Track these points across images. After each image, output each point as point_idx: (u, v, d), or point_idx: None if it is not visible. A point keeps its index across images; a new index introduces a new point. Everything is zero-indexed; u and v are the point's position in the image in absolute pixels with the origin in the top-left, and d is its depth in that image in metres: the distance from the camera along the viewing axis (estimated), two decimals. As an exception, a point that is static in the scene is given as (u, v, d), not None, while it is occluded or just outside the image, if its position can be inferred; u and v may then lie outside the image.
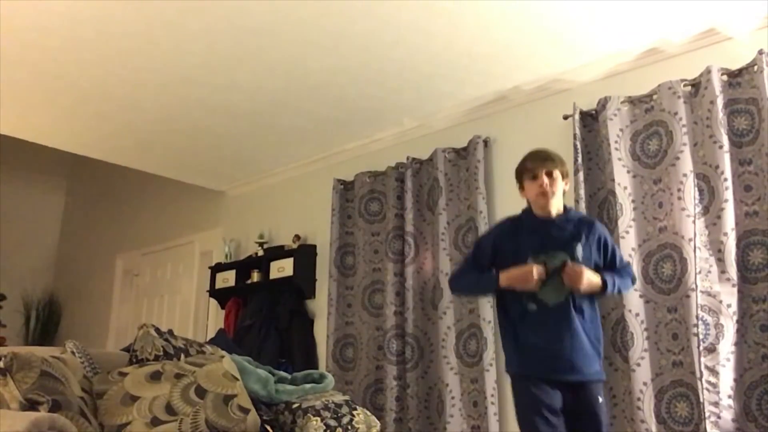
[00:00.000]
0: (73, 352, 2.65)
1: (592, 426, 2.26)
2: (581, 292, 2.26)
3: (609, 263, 2.40)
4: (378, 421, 3.13)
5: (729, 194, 2.88)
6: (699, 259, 2.91)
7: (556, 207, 2.32)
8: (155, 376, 2.59)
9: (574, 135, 3.36)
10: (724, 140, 2.94)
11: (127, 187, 6.43)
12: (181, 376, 2.62)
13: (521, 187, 2.39)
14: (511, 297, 2.34)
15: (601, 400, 2.29)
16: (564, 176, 2.34)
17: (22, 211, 6.80)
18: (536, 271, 2.23)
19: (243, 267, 4.92)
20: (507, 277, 2.28)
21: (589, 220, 2.44)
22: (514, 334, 2.35)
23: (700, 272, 2.90)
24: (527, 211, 2.41)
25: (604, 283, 2.30)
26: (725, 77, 3.03)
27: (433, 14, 3.04)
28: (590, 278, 2.25)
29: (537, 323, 2.26)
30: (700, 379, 2.78)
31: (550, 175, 2.29)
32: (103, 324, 6.21)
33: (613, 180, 3.18)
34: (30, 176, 6.90)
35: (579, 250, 2.28)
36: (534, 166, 2.31)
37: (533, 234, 2.32)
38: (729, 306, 2.84)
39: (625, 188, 3.18)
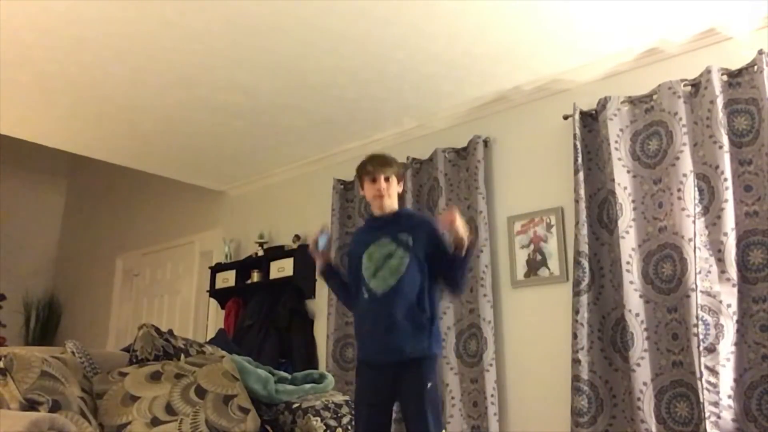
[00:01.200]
0: (73, 352, 2.66)
1: (414, 407, 2.31)
2: (457, 233, 2.34)
3: (444, 252, 2.47)
4: (378, 421, 3.13)
5: (729, 194, 2.88)
6: (699, 259, 2.91)
7: (389, 206, 2.52)
8: (155, 376, 2.59)
9: (574, 135, 3.36)
10: (724, 140, 2.94)
11: (127, 187, 6.43)
12: (181, 376, 2.62)
13: (361, 186, 2.59)
14: (353, 287, 2.52)
15: (429, 384, 2.32)
16: (399, 179, 2.56)
17: (22, 211, 6.80)
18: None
19: (243, 267, 4.92)
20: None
21: (419, 215, 2.63)
22: (354, 321, 2.55)
23: (700, 272, 2.90)
24: (368, 214, 2.66)
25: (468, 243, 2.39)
26: (725, 77, 3.03)
27: (434, 15, 3.04)
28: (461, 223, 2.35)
29: (367, 310, 2.42)
30: (700, 379, 2.78)
31: (387, 180, 2.50)
32: (103, 324, 6.21)
33: (613, 180, 3.18)
34: (30, 176, 6.90)
35: (406, 238, 2.42)
36: (374, 169, 2.50)
37: (368, 231, 2.56)
38: (729, 306, 2.84)
39: (625, 188, 3.18)
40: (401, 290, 2.36)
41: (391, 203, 2.53)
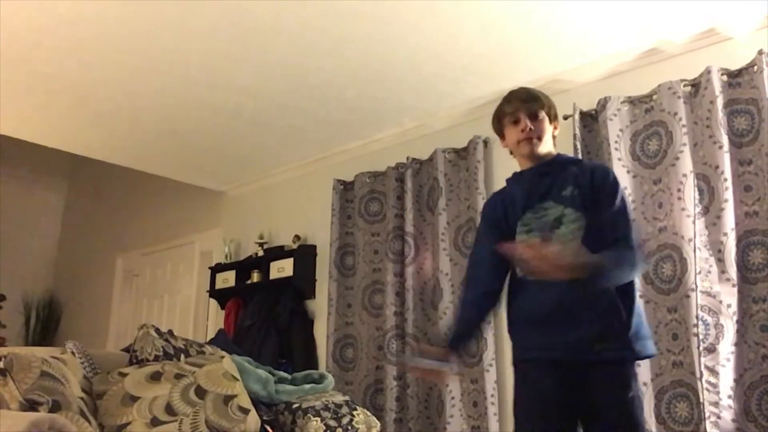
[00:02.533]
0: (73, 353, 2.66)
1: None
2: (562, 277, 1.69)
3: (606, 222, 1.82)
4: (378, 422, 3.14)
5: (729, 194, 2.88)
6: (699, 259, 2.91)
7: (544, 153, 1.94)
8: (155, 377, 2.59)
9: (574, 135, 3.36)
10: (724, 140, 2.93)
11: (127, 187, 6.42)
12: (181, 376, 2.62)
13: (502, 137, 1.99)
14: (499, 271, 1.94)
15: (631, 393, 1.78)
16: (552, 119, 1.96)
17: (22, 211, 6.80)
18: (520, 250, 1.74)
19: (243, 267, 4.92)
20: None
21: (584, 161, 1.95)
22: (510, 311, 1.94)
23: (700, 272, 2.90)
24: (513, 175, 2.01)
25: (596, 266, 1.69)
26: (725, 77, 3.03)
27: (433, 15, 3.04)
28: (563, 257, 1.67)
29: (535, 296, 1.84)
30: (700, 379, 2.78)
31: (534, 117, 1.91)
32: (103, 324, 6.21)
33: (613, 180, 3.17)
34: (30, 176, 6.90)
35: (572, 192, 1.84)
36: (515, 108, 1.92)
37: (518, 193, 1.91)
38: (729, 306, 2.84)
39: (625, 188, 3.18)
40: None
41: (544, 150, 1.91)
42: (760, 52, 2.91)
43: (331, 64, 3.50)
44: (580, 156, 3.32)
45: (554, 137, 1.98)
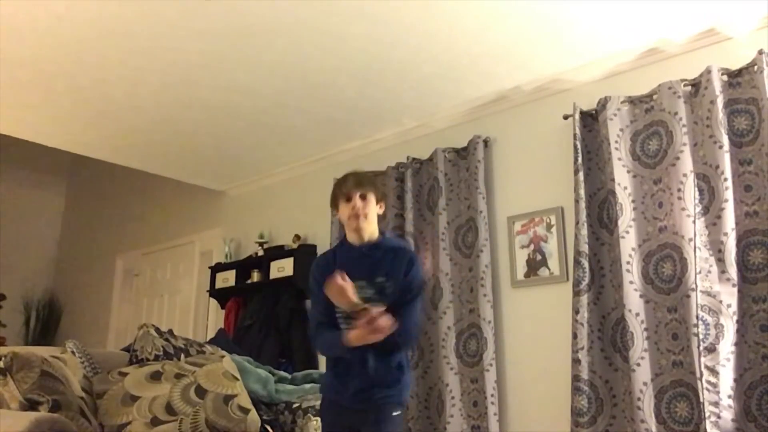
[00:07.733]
0: (73, 352, 2.66)
1: None
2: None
3: (400, 296, 2.17)
4: (378, 421, 3.13)
5: (729, 194, 2.88)
6: (699, 259, 2.91)
7: (368, 232, 2.22)
8: (155, 376, 2.59)
9: (574, 135, 3.36)
10: (724, 140, 2.94)
11: (127, 187, 6.43)
12: (181, 376, 2.62)
13: (336, 211, 2.30)
14: (324, 319, 2.26)
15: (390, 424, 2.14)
16: (378, 200, 2.28)
17: (22, 211, 6.80)
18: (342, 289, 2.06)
19: (243, 267, 4.93)
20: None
21: (400, 249, 2.26)
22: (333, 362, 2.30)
23: (700, 272, 2.90)
24: (340, 241, 2.33)
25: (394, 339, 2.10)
26: (725, 77, 3.03)
27: (433, 15, 3.04)
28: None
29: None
30: (700, 379, 2.78)
31: (364, 197, 2.22)
32: (103, 324, 6.22)
33: (613, 180, 3.18)
34: (30, 176, 6.90)
35: (383, 282, 2.15)
36: (348, 188, 2.23)
37: (345, 263, 2.20)
38: (729, 306, 2.84)
39: (625, 188, 3.18)
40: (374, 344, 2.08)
41: (369, 227, 2.22)
42: (760, 52, 2.92)
43: (331, 64, 3.50)
44: (580, 156, 3.32)
45: (379, 216, 2.29)
